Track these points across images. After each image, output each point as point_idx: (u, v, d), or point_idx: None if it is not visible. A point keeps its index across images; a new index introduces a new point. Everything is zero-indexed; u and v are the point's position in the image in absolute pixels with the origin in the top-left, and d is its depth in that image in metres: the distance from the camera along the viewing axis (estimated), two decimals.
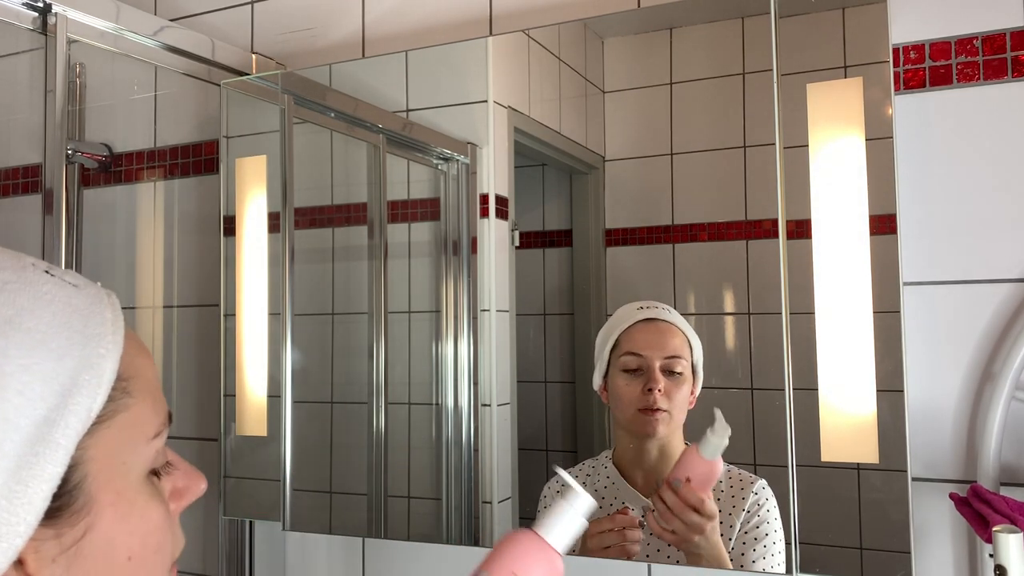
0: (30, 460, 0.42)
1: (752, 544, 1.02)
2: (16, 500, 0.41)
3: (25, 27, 1.10)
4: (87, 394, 0.45)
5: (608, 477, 1.11)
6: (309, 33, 1.40)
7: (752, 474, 1.04)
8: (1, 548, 0.41)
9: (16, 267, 0.46)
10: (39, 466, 0.42)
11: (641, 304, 1.09)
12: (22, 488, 0.42)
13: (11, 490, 0.41)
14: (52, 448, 0.43)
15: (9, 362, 0.42)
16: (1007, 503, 0.87)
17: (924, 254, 1.01)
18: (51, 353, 0.44)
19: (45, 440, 0.42)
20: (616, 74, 1.13)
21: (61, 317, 0.45)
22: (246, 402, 1.34)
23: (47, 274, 0.47)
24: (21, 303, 0.44)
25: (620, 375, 1.09)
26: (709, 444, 0.99)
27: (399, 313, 1.28)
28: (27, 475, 0.42)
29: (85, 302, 0.47)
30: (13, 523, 0.41)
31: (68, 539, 0.45)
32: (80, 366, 0.45)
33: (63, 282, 0.47)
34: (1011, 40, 0.98)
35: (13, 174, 1.62)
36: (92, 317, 0.47)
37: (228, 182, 1.37)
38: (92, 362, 0.45)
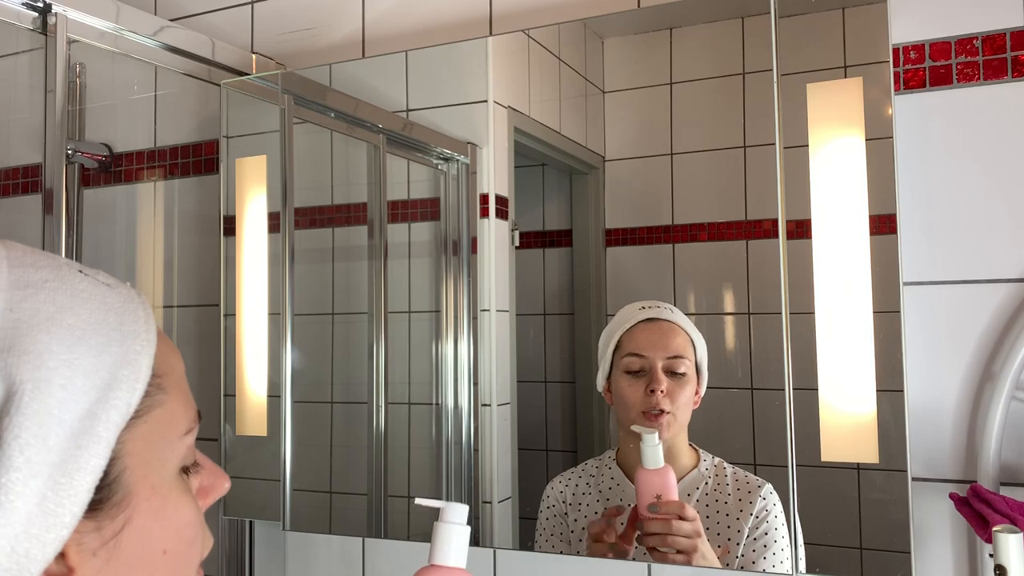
0: (74, 453, 0.43)
1: (762, 552, 1.01)
2: (62, 492, 0.42)
3: (25, 27, 1.10)
4: (126, 389, 0.46)
5: (612, 478, 1.11)
6: (309, 33, 1.40)
7: (757, 477, 1.04)
8: (48, 539, 0.42)
9: (52, 266, 0.47)
10: (83, 458, 0.43)
11: (643, 304, 1.09)
12: (67, 480, 0.43)
13: (56, 482, 0.42)
14: (95, 441, 0.44)
15: (52, 357, 0.43)
16: (1007, 503, 0.87)
17: (924, 254, 1.01)
18: (91, 349, 0.45)
19: (88, 433, 0.44)
20: (616, 74, 1.13)
21: (98, 314, 0.47)
22: (246, 402, 1.34)
23: (81, 273, 0.48)
24: (61, 301, 0.45)
25: (623, 376, 1.08)
26: (646, 456, 1.02)
27: (399, 313, 1.28)
28: (72, 467, 0.43)
29: (119, 300, 0.49)
30: (60, 514, 0.42)
31: (108, 532, 0.46)
32: (118, 362, 0.46)
33: (96, 281, 0.49)
34: (1011, 40, 0.98)
35: (13, 174, 1.62)
36: (127, 315, 0.48)
37: (228, 182, 1.37)
38: (129, 358, 0.47)
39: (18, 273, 0.45)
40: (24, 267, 0.46)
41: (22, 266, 0.46)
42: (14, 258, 0.46)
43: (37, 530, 0.42)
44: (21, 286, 0.45)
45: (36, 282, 0.45)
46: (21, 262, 0.46)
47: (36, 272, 0.46)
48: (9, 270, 0.45)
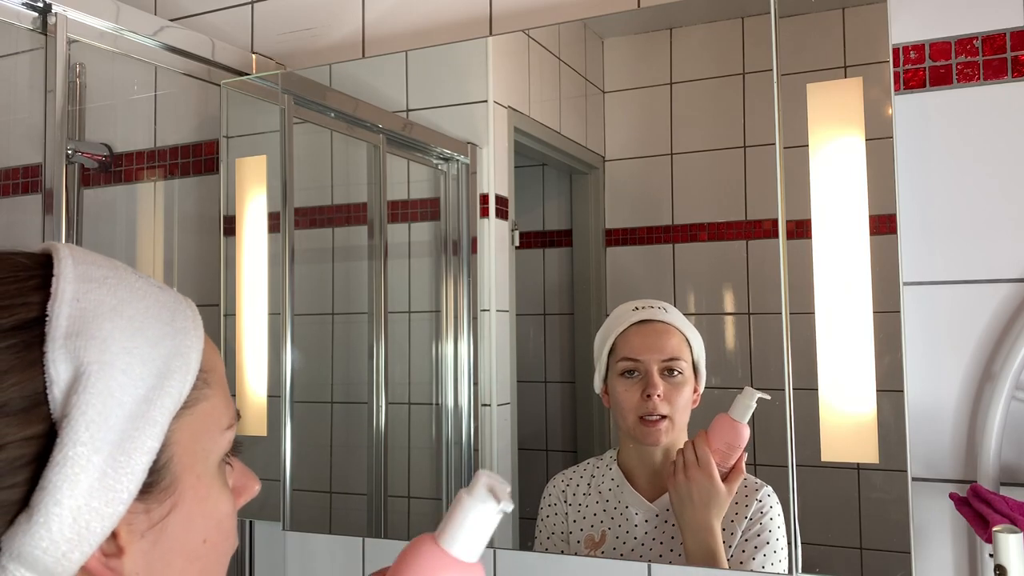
0: (132, 434, 0.46)
1: (752, 552, 1.01)
2: (120, 469, 0.45)
3: (25, 27, 1.10)
4: (178, 379, 0.49)
5: (613, 479, 1.11)
6: (309, 33, 1.40)
7: (756, 479, 1.03)
8: (107, 513, 0.45)
9: (110, 266, 0.51)
10: (140, 440, 0.46)
11: (637, 304, 1.09)
12: (126, 458, 0.45)
13: (116, 460, 0.45)
14: (151, 424, 0.47)
15: (115, 343, 0.47)
16: (1007, 503, 0.87)
17: (924, 254, 1.01)
18: (148, 340, 0.49)
19: (144, 416, 0.47)
20: (616, 74, 1.13)
21: (154, 310, 0.50)
22: (246, 402, 1.34)
23: (135, 275, 0.52)
24: (121, 295, 0.49)
25: (619, 380, 1.08)
26: (737, 405, 1.00)
27: (399, 313, 1.28)
28: (130, 447, 0.46)
29: (171, 300, 0.53)
30: (118, 490, 0.45)
31: (156, 515, 0.49)
32: (171, 354, 0.49)
33: (150, 282, 0.53)
34: (1011, 40, 0.98)
35: (13, 174, 1.62)
36: (178, 313, 0.52)
37: (228, 182, 1.37)
38: (181, 351, 0.50)
39: (82, 269, 0.49)
40: (87, 264, 0.50)
41: (85, 263, 0.50)
42: (77, 256, 0.50)
43: (98, 503, 0.44)
44: (86, 280, 0.48)
45: (99, 278, 0.49)
46: (84, 260, 0.50)
47: (98, 269, 0.50)
48: (75, 266, 0.49)
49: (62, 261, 0.49)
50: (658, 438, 1.06)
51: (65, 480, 0.43)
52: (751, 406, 1.00)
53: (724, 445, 1.00)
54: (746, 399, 1.00)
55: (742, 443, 1.00)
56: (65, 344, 0.45)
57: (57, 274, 0.48)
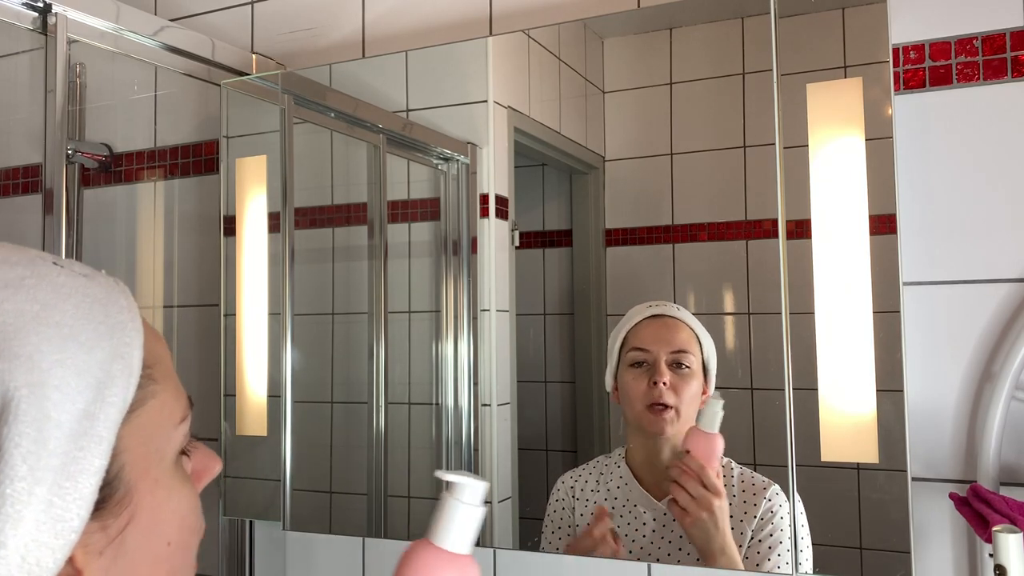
0: (76, 455, 0.42)
1: (767, 553, 1.01)
2: (67, 496, 0.41)
3: (25, 27, 1.10)
4: (120, 384, 0.45)
5: (621, 477, 1.11)
6: (309, 33, 1.40)
7: (765, 479, 1.03)
8: (58, 545, 0.41)
9: (26, 261, 0.45)
10: (85, 460, 0.42)
11: (651, 303, 1.10)
12: (72, 484, 0.41)
13: (61, 487, 0.41)
14: (95, 441, 0.43)
15: (44, 359, 0.41)
16: (1007, 503, 0.87)
17: (924, 254, 1.01)
18: (81, 346, 0.43)
19: (88, 434, 0.42)
20: (616, 74, 1.13)
21: (83, 308, 0.45)
22: (246, 402, 1.34)
23: (56, 265, 0.46)
24: (44, 298, 0.43)
25: (627, 371, 1.09)
26: (704, 415, 1.02)
27: (399, 313, 1.28)
28: (75, 470, 0.42)
29: (101, 292, 0.47)
30: (67, 519, 0.41)
31: (113, 530, 0.45)
32: (109, 357, 0.44)
33: (73, 272, 0.47)
34: (1011, 40, 0.98)
35: (13, 174, 1.62)
36: (110, 306, 0.47)
37: (228, 182, 1.37)
38: (121, 351, 0.45)
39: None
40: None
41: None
42: None
43: (46, 537, 0.41)
44: (1, 286, 0.42)
45: (14, 280, 0.43)
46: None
47: (11, 269, 0.44)
48: None
49: None
50: (663, 427, 1.06)
51: (7, 520, 0.39)
52: (719, 414, 1.02)
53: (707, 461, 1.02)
54: (712, 408, 1.02)
55: (720, 453, 1.02)
56: None
57: None
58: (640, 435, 1.10)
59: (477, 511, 0.68)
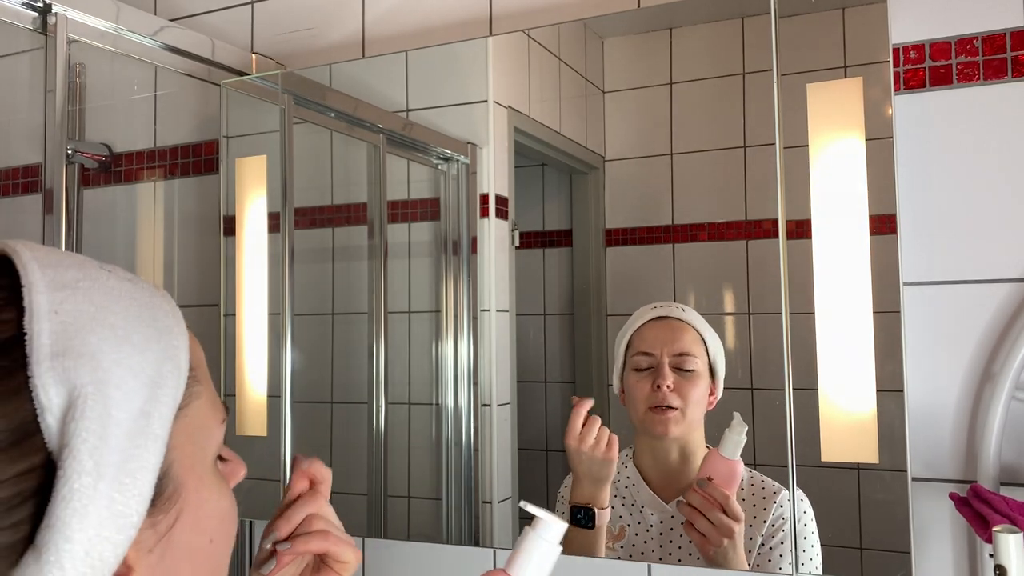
0: (133, 452, 0.43)
1: (778, 561, 1.00)
2: (127, 492, 0.42)
3: (25, 27, 1.10)
4: (171, 384, 0.46)
5: (628, 477, 1.11)
6: (309, 33, 1.40)
7: (774, 483, 1.03)
8: (119, 540, 0.42)
9: (77, 264, 0.47)
10: (143, 457, 0.43)
11: (656, 304, 1.09)
12: (131, 480, 0.43)
13: (121, 483, 0.42)
14: (152, 439, 0.44)
15: (105, 358, 0.43)
16: (1007, 503, 0.87)
17: (924, 254, 1.01)
18: (135, 347, 0.45)
19: (144, 432, 0.44)
20: (616, 74, 1.13)
21: (133, 311, 0.46)
22: (246, 402, 1.34)
23: (103, 269, 0.48)
24: (98, 300, 0.45)
25: (632, 374, 1.08)
26: (727, 442, 1.00)
27: (399, 313, 1.28)
28: (133, 467, 0.43)
29: (145, 295, 0.48)
30: (127, 514, 0.42)
31: (163, 527, 0.46)
32: (161, 358, 0.46)
33: (119, 277, 0.48)
34: (1011, 40, 0.98)
35: (13, 174, 1.62)
36: (157, 310, 0.48)
37: (228, 182, 1.37)
38: (170, 353, 0.47)
39: (51, 273, 0.44)
40: (55, 267, 0.45)
41: (52, 266, 0.45)
42: (41, 258, 0.45)
43: (108, 532, 0.42)
44: (59, 287, 0.44)
45: (71, 282, 0.44)
46: (49, 262, 0.45)
47: (67, 271, 0.45)
48: (42, 270, 0.44)
49: (26, 266, 0.43)
50: (667, 428, 1.06)
51: (74, 515, 0.40)
52: (742, 441, 1.00)
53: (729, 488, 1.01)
54: (735, 434, 1.00)
55: (740, 479, 1.01)
56: (52, 366, 0.41)
57: (27, 283, 0.43)
58: (647, 437, 1.10)
59: (556, 550, 0.72)
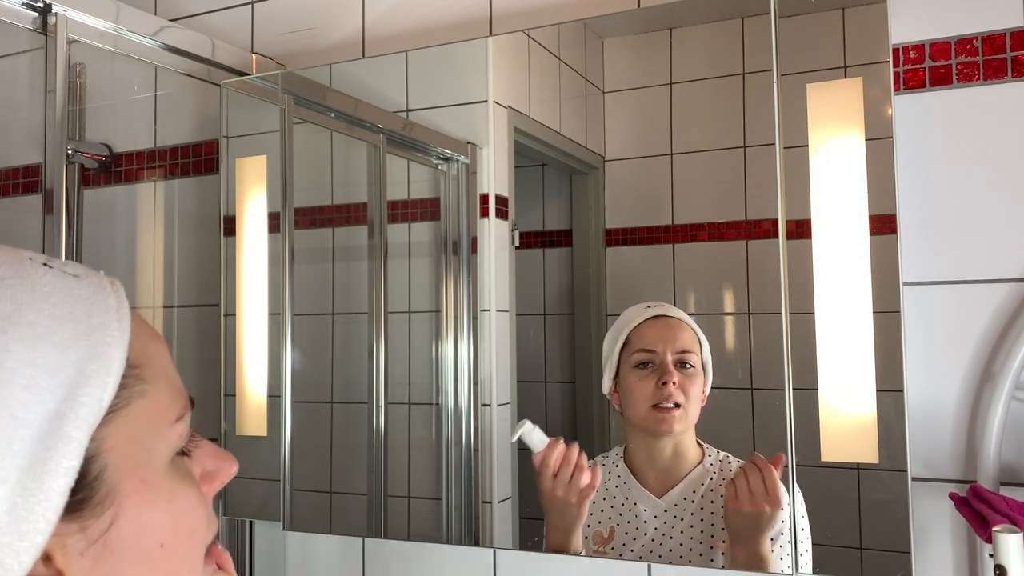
0: (43, 456, 0.41)
1: (780, 553, 1.00)
2: (32, 498, 0.41)
3: (25, 27, 1.10)
4: (96, 384, 0.44)
5: (619, 476, 1.11)
6: (309, 33, 1.40)
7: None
8: (24, 547, 0.41)
9: (12, 262, 0.45)
10: (53, 461, 0.41)
11: (648, 304, 1.09)
12: (37, 485, 0.41)
13: (26, 488, 0.41)
14: (64, 442, 0.42)
15: (11, 358, 0.41)
16: (1007, 503, 0.87)
17: (924, 254, 1.01)
18: (54, 346, 0.43)
19: (56, 434, 0.42)
20: (616, 74, 1.13)
21: (63, 308, 0.44)
22: (246, 402, 1.34)
23: (46, 267, 0.46)
24: (20, 298, 0.43)
25: (632, 372, 1.08)
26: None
27: (399, 313, 1.28)
28: (41, 471, 0.41)
29: (88, 292, 0.47)
30: (32, 520, 0.41)
31: (94, 531, 0.44)
32: (86, 357, 0.44)
33: (63, 273, 0.47)
34: (1011, 40, 0.98)
35: (13, 174, 1.62)
36: (95, 306, 0.46)
37: (228, 182, 1.37)
38: (98, 352, 0.45)
39: None
40: None
41: None
42: None
43: (9, 539, 0.40)
44: None
45: None
46: None
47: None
48: None
49: None
50: (672, 425, 1.06)
51: None
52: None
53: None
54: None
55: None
56: None
57: None
58: (644, 435, 1.09)
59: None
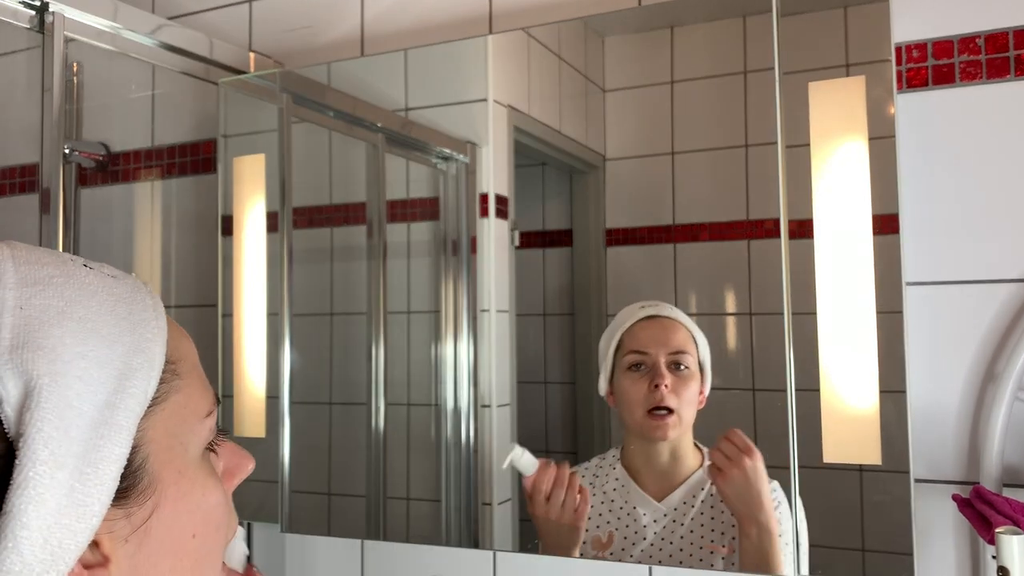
0: (97, 443, 0.44)
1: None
2: (89, 482, 0.44)
3: (22, 26, 1.09)
4: (142, 377, 0.47)
5: (617, 479, 1.10)
6: (308, 31, 1.40)
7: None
8: (79, 528, 0.43)
9: (57, 262, 0.48)
10: (106, 448, 0.44)
11: (643, 304, 1.09)
12: (93, 470, 0.44)
13: (83, 472, 0.43)
14: (116, 430, 0.45)
15: (66, 350, 0.44)
16: (1010, 504, 0.87)
17: (927, 254, 1.00)
18: (103, 340, 0.46)
19: (108, 423, 0.45)
20: (617, 73, 1.12)
21: (107, 305, 0.48)
22: (244, 403, 1.34)
23: (86, 267, 0.49)
24: (69, 295, 0.46)
25: (625, 375, 1.08)
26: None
27: (398, 313, 1.28)
28: (96, 457, 0.44)
29: (126, 290, 0.50)
30: (88, 504, 0.44)
31: (137, 519, 0.47)
32: (131, 351, 0.47)
33: (102, 274, 0.50)
34: (1014, 39, 0.98)
35: (10, 173, 1.61)
36: (135, 304, 0.50)
37: (226, 181, 1.37)
38: (142, 346, 0.48)
39: (24, 271, 0.46)
40: (30, 264, 0.47)
41: (27, 264, 0.47)
42: (19, 256, 0.47)
43: (68, 520, 0.43)
44: (29, 283, 0.46)
45: (43, 279, 0.46)
46: (26, 260, 0.47)
47: (42, 269, 0.47)
48: (15, 268, 0.46)
49: (2, 264, 0.46)
50: (666, 432, 1.06)
51: (29, 502, 0.41)
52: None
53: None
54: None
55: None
56: (11, 358, 0.43)
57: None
58: (640, 439, 1.09)
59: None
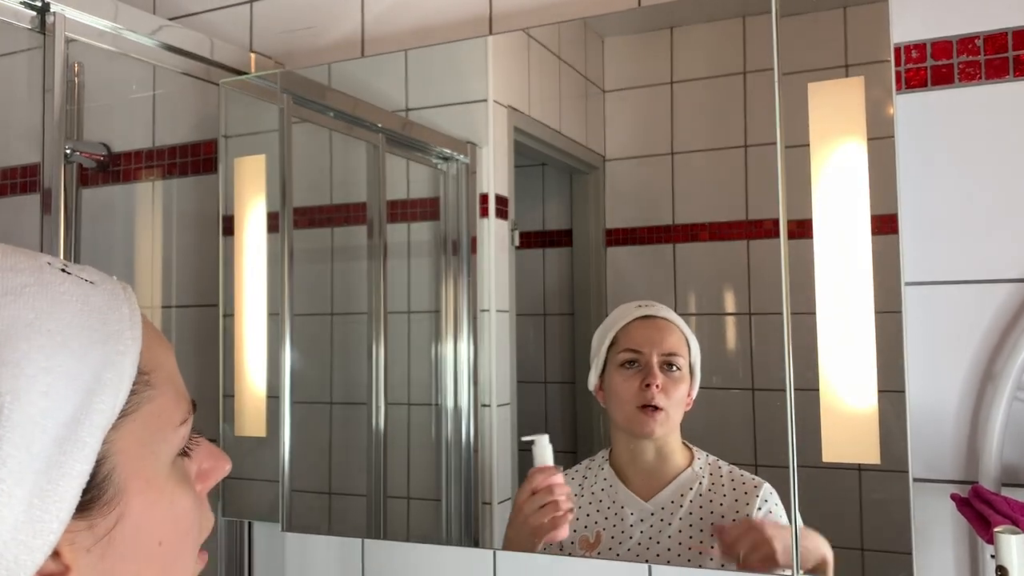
0: (59, 459, 0.43)
1: None
2: (48, 498, 0.43)
3: (23, 26, 1.09)
4: (110, 392, 0.46)
5: (605, 479, 1.11)
6: (308, 32, 1.40)
7: (754, 476, 1.03)
8: (36, 544, 0.43)
9: (33, 268, 0.47)
10: (68, 464, 0.43)
11: (639, 303, 1.09)
12: (52, 487, 0.43)
13: (42, 489, 0.43)
14: (79, 447, 0.44)
15: (32, 365, 0.43)
16: (1008, 504, 0.87)
17: (925, 254, 1.00)
18: (72, 354, 0.45)
19: (72, 439, 0.44)
20: (617, 73, 1.13)
21: (80, 317, 0.46)
22: (245, 402, 1.34)
23: (64, 272, 0.48)
24: (41, 306, 0.45)
25: (618, 372, 1.08)
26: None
27: (398, 313, 1.28)
28: (56, 474, 0.43)
29: (103, 299, 0.48)
30: (46, 520, 0.43)
31: (101, 529, 0.46)
32: (101, 364, 0.46)
33: (79, 280, 0.48)
34: (1013, 39, 0.98)
35: (11, 174, 1.62)
36: (110, 315, 0.48)
37: (227, 182, 1.37)
38: (113, 360, 0.46)
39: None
40: (4, 272, 0.45)
41: (2, 271, 0.45)
42: None
43: (24, 536, 0.42)
44: (1, 293, 0.44)
45: (16, 288, 0.45)
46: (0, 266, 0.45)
47: (16, 277, 0.45)
48: None
49: None
50: (653, 428, 1.06)
51: None
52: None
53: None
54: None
55: None
56: None
57: None
58: (626, 436, 1.09)
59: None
